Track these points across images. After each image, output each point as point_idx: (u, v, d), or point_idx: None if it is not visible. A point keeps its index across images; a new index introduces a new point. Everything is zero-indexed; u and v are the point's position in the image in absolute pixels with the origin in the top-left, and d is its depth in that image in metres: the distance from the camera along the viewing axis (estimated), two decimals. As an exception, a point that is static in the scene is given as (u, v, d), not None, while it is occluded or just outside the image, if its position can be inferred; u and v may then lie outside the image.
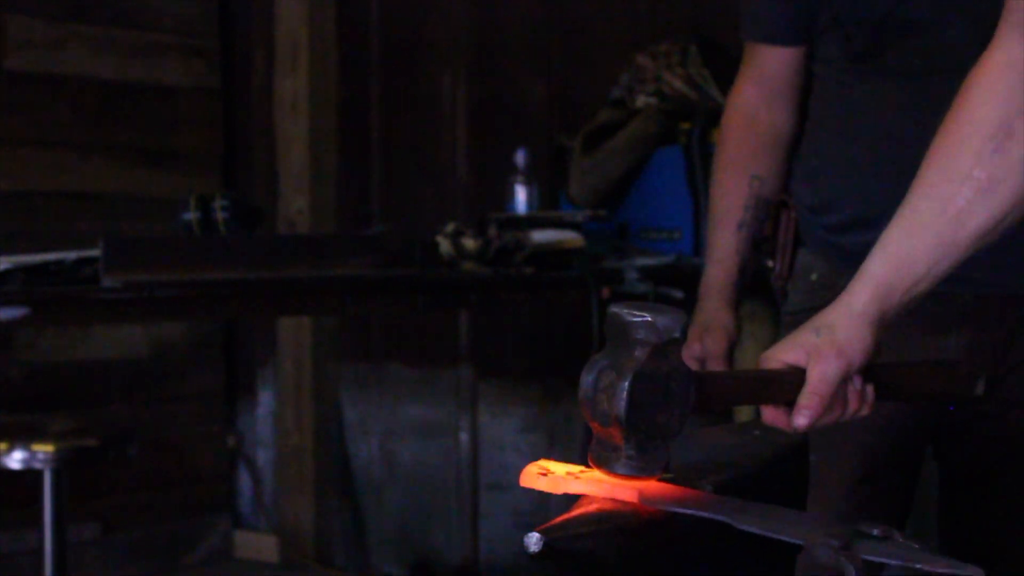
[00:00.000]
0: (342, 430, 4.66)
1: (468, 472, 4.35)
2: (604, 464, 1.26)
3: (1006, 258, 1.81)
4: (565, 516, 1.18)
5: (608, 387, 1.24)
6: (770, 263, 2.06)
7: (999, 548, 1.89)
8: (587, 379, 1.26)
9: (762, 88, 2.05)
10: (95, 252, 2.59)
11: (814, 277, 1.95)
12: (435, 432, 4.43)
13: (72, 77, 4.40)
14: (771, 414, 1.40)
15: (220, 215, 2.88)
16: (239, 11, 4.80)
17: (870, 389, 1.39)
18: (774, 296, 2.10)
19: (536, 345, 4.27)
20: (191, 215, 2.89)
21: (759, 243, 2.11)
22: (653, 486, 1.23)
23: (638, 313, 1.25)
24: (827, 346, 1.36)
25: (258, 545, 4.77)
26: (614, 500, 1.21)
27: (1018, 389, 1.86)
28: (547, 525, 1.14)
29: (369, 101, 4.56)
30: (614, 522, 1.18)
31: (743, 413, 3.17)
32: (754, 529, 1.18)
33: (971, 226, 1.37)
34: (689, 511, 1.20)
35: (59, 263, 2.60)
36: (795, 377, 1.37)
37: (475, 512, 4.35)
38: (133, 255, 2.63)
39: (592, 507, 1.20)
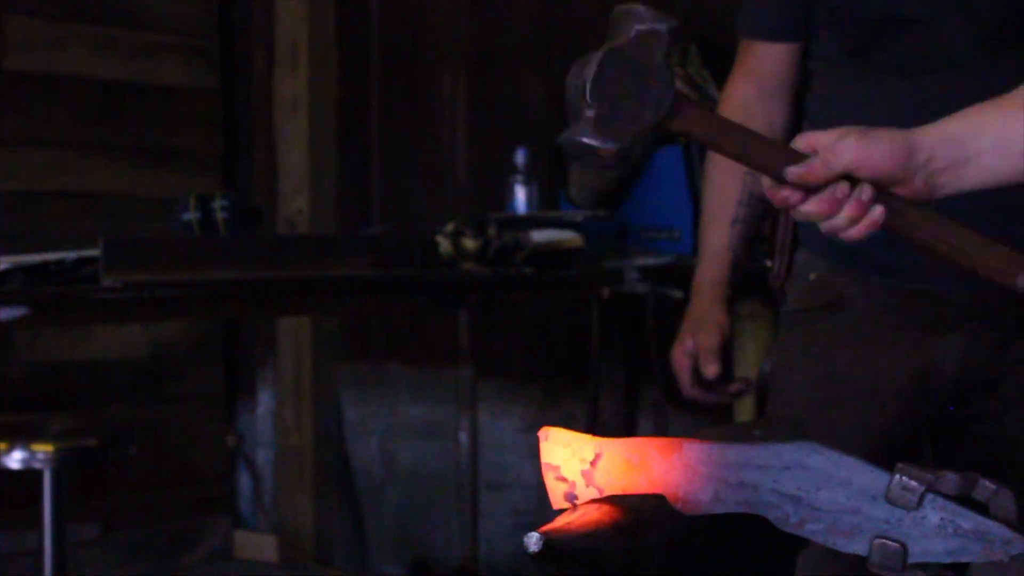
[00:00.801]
0: (342, 430, 4.66)
1: (468, 472, 4.35)
2: (568, 143, 1.31)
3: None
4: (565, 516, 1.18)
5: (587, 60, 1.31)
6: (769, 263, 2.06)
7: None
8: (576, 67, 1.32)
9: (757, 85, 2.04)
10: (95, 252, 2.59)
11: (813, 276, 1.95)
12: (435, 432, 4.43)
13: (72, 77, 4.40)
14: (765, 183, 1.38)
15: (220, 215, 2.88)
16: (239, 11, 4.80)
17: (879, 209, 1.34)
18: (773, 296, 2.10)
19: (536, 345, 4.27)
20: (191, 215, 2.89)
21: (755, 241, 2.11)
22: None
23: (633, 5, 1.33)
24: (855, 131, 1.35)
25: (258, 545, 4.77)
26: (614, 500, 1.21)
27: (1017, 389, 1.86)
28: (547, 525, 1.14)
29: (369, 101, 4.56)
30: (614, 522, 1.18)
31: (743, 413, 3.17)
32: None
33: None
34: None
35: (59, 263, 2.60)
36: (802, 153, 1.35)
37: (475, 512, 4.35)
38: (133, 255, 2.63)
39: (592, 507, 1.20)
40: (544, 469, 1.24)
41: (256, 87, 4.77)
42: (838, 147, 1.34)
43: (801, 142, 1.36)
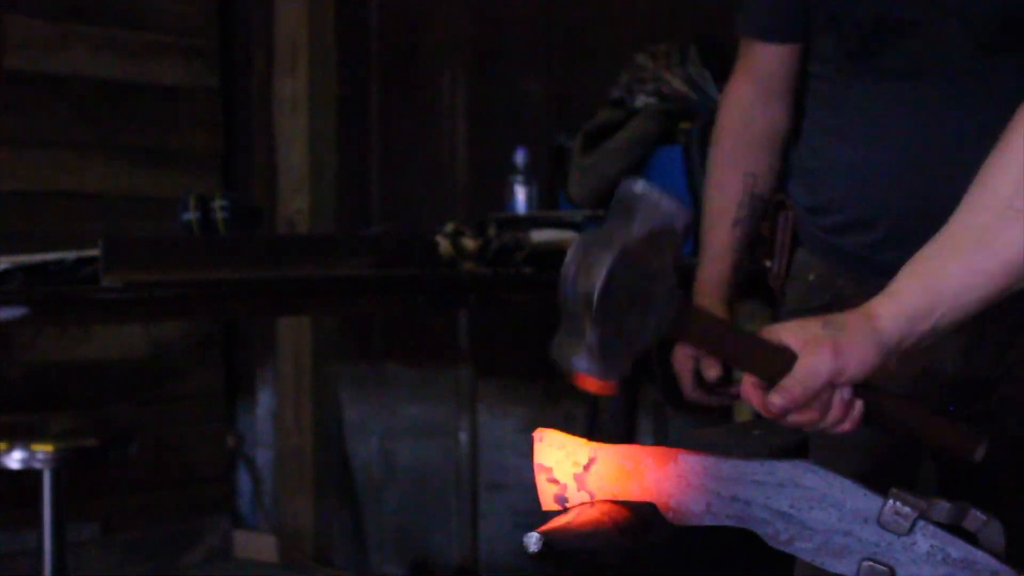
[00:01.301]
0: (342, 430, 4.66)
1: (468, 472, 4.35)
2: (564, 358, 1.26)
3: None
4: (565, 516, 1.18)
5: (591, 260, 1.23)
6: (768, 263, 2.06)
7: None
8: (572, 251, 1.25)
9: (757, 86, 2.04)
10: (95, 252, 2.59)
11: (812, 277, 1.94)
12: (435, 432, 4.43)
13: (72, 77, 4.40)
14: (748, 388, 1.37)
15: (220, 215, 2.88)
16: (239, 11, 4.80)
17: (859, 406, 1.36)
18: (773, 296, 2.10)
19: (536, 345, 4.25)
20: (191, 215, 2.89)
21: (756, 243, 2.11)
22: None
23: (648, 188, 1.23)
24: (827, 341, 1.32)
25: (258, 545, 4.77)
26: (614, 500, 1.21)
27: (1017, 389, 1.86)
28: (547, 525, 1.14)
29: (369, 101, 4.56)
30: (614, 522, 1.18)
31: (743, 413, 3.17)
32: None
33: (1004, 256, 1.34)
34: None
35: (59, 263, 2.60)
36: (786, 358, 1.33)
37: (475, 512, 4.35)
38: (133, 255, 2.63)
39: (592, 507, 1.20)
40: (536, 470, 1.24)
41: (256, 87, 4.77)
42: (810, 362, 1.32)
43: (775, 335, 1.35)
